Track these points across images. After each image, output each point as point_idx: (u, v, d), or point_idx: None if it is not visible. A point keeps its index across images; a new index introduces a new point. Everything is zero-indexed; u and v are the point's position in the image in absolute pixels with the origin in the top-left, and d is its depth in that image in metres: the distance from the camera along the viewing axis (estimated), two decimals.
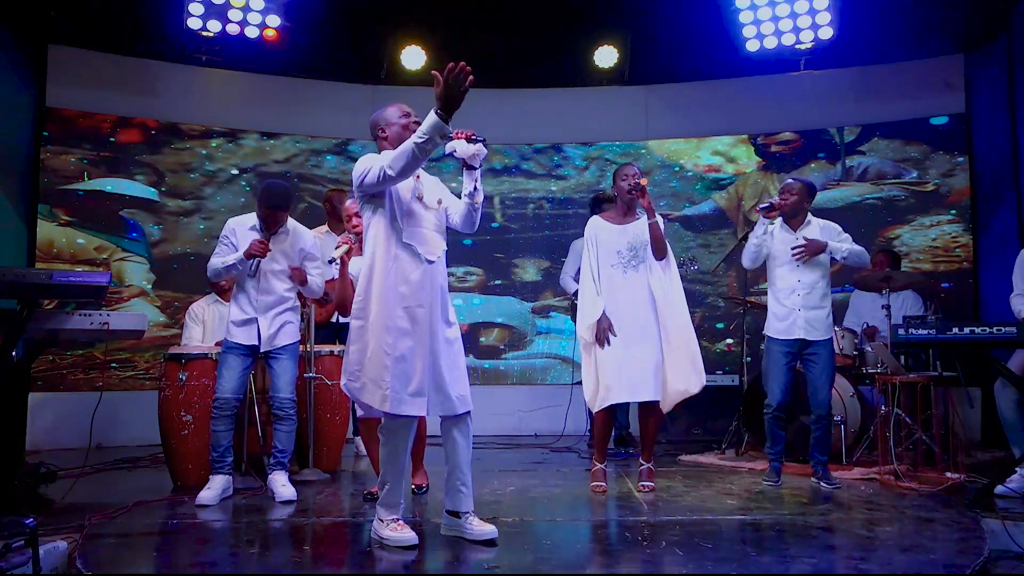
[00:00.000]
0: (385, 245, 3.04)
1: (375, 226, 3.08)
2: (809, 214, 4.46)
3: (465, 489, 3.14)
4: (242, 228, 4.11)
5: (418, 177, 3.16)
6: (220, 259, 4.07)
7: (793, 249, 4.29)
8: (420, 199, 3.14)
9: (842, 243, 4.36)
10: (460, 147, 3.09)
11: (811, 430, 4.38)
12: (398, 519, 3.08)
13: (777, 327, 4.39)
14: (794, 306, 4.33)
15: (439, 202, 3.20)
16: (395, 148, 3.02)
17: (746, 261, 4.50)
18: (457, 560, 2.91)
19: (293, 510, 3.77)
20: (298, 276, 4.13)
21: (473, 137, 3.09)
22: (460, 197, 3.20)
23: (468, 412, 3.12)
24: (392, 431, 3.05)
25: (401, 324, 2.99)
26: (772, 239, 4.42)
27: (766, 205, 4.39)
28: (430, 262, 3.08)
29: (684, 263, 5.29)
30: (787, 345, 4.35)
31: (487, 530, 3.08)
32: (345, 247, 3.84)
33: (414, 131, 2.97)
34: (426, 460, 4.19)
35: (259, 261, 3.99)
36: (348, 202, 4.12)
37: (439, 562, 2.96)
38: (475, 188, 3.14)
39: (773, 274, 4.45)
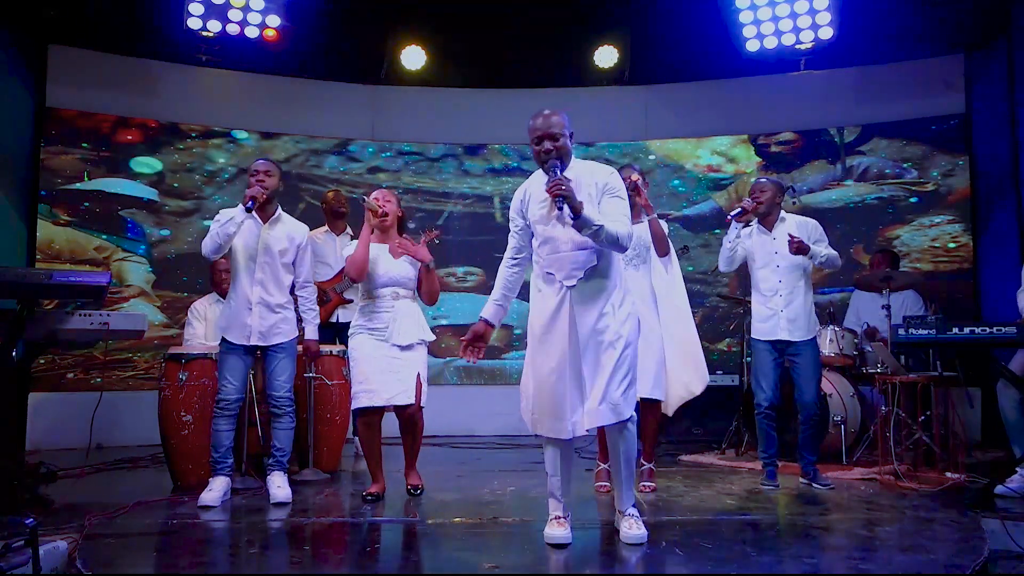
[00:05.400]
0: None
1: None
2: (783, 211, 4.45)
3: (617, 488, 3.18)
4: (232, 212, 4.03)
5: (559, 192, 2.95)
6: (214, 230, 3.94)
7: (791, 240, 4.23)
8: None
9: (818, 246, 4.33)
10: None
11: (799, 430, 4.37)
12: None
13: (760, 328, 4.38)
14: (776, 307, 4.33)
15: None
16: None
17: (722, 265, 4.48)
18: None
19: (292, 510, 3.76)
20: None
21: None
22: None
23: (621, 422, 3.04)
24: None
25: (537, 354, 3.09)
26: (749, 240, 4.42)
27: (737, 211, 4.34)
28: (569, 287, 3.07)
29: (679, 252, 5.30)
30: (770, 345, 4.35)
31: (629, 535, 3.06)
32: (377, 208, 3.98)
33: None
34: (425, 459, 4.19)
35: (255, 202, 3.90)
36: (375, 193, 4.11)
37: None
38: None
39: (755, 276, 4.45)
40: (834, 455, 4.98)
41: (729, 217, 4.37)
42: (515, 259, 3.24)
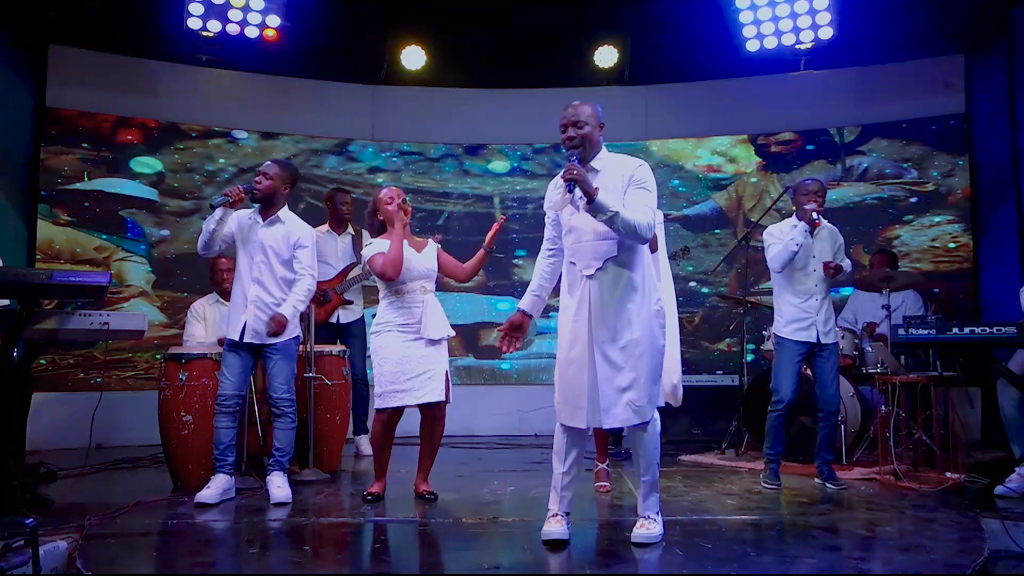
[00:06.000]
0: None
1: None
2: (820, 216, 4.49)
3: (638, 492, 3.15)
4: (239, 215, 4.12)
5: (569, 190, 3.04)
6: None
7: (827, 265, 4.37)
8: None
9: (842, 260, 4.50)
10: None
11: (819, 428, 4.39)
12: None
13: (793, 328, 4.40)
14: (813, 310, 4.37)
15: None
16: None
17: (778, 264, 4.40)
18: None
19: (292, 510, 3.76)
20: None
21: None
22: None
23: (642, 423, 3.01)
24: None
25: (562, 344, 3.11)
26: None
27: (816, 216, 4.34)
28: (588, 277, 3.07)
29: (676, 255, 5.36)
30: (802, 346, 4.38)
31: (638, 533, 3.05)
32: (408, 205, 4.06)
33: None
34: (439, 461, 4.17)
35: (229, 200, 3.95)
36: (391, 192, 4.11)
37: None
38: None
39: (791, 277, 4.45)
40: (834, 455, 4.98)
41: (816, 220, 4.35)
42: (550, 250, 3.30)
